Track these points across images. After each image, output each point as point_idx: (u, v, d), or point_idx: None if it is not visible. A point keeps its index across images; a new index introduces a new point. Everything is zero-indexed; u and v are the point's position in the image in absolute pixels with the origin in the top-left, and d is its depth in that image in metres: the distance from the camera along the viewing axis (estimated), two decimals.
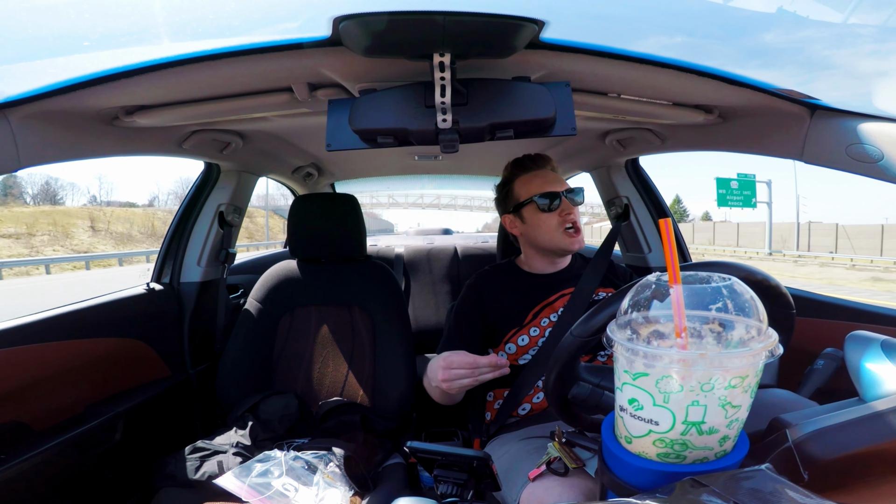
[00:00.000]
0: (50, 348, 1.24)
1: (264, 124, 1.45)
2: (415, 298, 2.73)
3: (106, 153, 1.23)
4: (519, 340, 1.33)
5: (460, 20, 0.79)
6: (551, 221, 1.35)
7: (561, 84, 0.95)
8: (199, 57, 0.94)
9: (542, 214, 1.36)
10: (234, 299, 2.10)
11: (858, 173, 0.94)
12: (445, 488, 0.79)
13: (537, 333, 1.32)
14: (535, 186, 1.38)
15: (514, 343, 1.33)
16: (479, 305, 1.39)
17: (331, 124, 0.98)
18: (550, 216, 1.35)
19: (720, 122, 1.26)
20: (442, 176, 3.04)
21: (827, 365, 0.79)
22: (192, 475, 1.17)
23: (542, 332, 1.32)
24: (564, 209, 1.34)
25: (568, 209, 1.35)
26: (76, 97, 0.99)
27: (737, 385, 0.47)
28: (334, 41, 0.88)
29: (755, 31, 0.96)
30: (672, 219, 1.58)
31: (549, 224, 1.35)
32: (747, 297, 0.49)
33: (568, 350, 0.72)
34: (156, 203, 65.95)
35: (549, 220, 1.35)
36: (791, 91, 1.00)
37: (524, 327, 1.33)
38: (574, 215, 1.35)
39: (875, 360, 0.57)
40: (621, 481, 0.53)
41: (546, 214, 1.35)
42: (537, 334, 1.32)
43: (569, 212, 1.34)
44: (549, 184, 1.37)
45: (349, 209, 1.70)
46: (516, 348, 1.33)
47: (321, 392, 1.55)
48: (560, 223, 1.34)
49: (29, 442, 1.16)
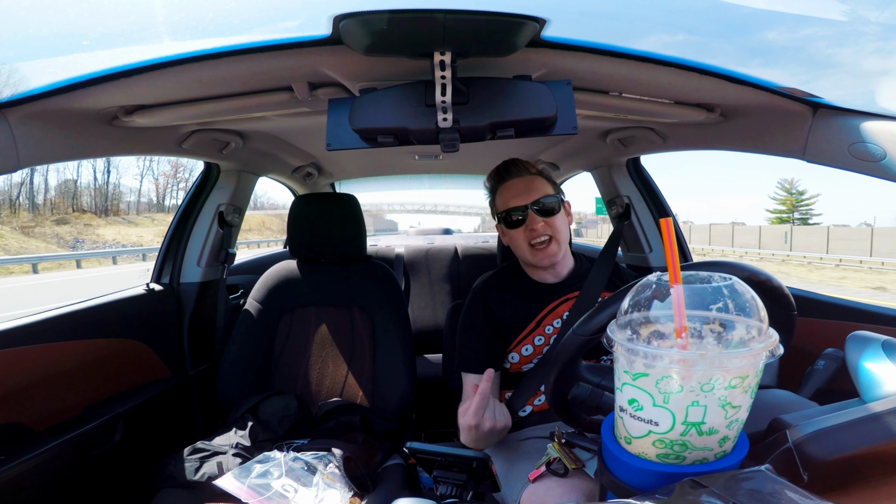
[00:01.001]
0: (49, 349, 1.24)
1: (264, 124, 1.45)
2: (415, 299, 2.72)
3: (105, 153, 1.23)
4: (523, 350, 1.30)
5: (461, 18, 0.78)
6: (519, 237, 1.30)
7: (562, 83, 0.95)
8: (199, 56, 0.94)
9: (510, 231, 1.32)
10: (233, 300, 2.10)
11: (861, 172, 0.94)
12: (445, 489, 0.79)
13: (542, 342, 1.29)
14: (503, 200, 1.33)
15: (517, 353, 1.31)
16: (486, 315, 1.35)
17: (331, 123, 0.98)
18: (518, 232, 1.30)
19: (722, 121, 1.26)
20: (442, 175, 3.03)
21: (827, 365, 0.79)
22: (191, 476, 1.17)
23: (548, 340, 1.29)
24: (529, 224, 1.28)
25: (533, 223, 1.27)
26: (75, 97, 0.99)
27: (737, 385, 0.47)
28: (334, 40, 0.88)
29: (757, 29, 0.96)
30: (674, 218, 1.58)
31: (517, 239, 1.31)
32: (748, 297, 0.49)
33: (569, 349, 0.71)
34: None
35: (517, 236, 1.31)
36: (794, 89, 1.00)
37: (528, 336, 1.30)
38: (539, 230, 1.27)
39: (876, 360, 0.56)
40: (621, 482, 0.53)
41: (514, 231, 1.31)
42: (542, 342, 1.29)
43: (532, 227, 1.27)
44: (514, 197, 1.30)
45: (349, 209, 1.69)
46: (519, 357, 1.30)
47: (321, 393, 1.55)
48: (526, 238, 1.30)
49: (29, 443, 1.16)
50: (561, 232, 1.29)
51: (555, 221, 1.28)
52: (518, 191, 1.31)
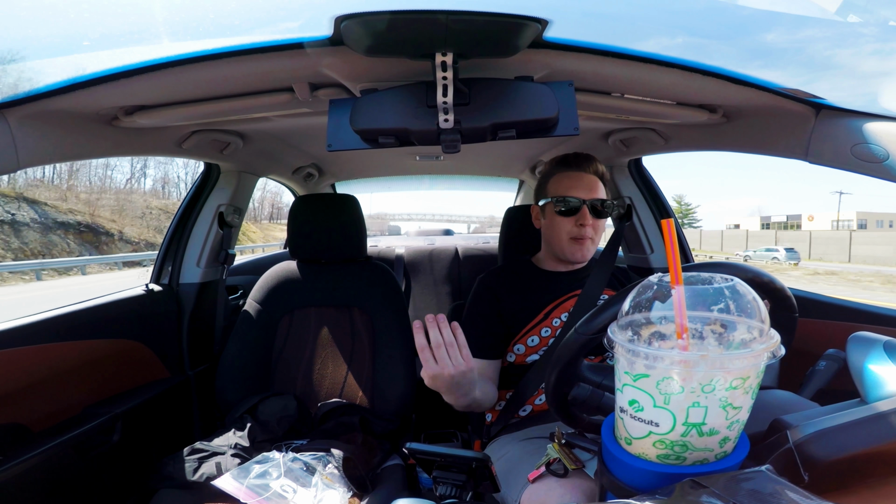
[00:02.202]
0: (48, 349, 1.24)
1: (265, 124, 1.44)
2: (415, 299, 2.72)
3: (105, 153, 1.23)
4: (529, 341, 1.32)
5: (463, 19, 0.78)
6: (564, 226, 1.33)
7: (564, 84, 0.95)
8: (200, 57, 0.93)
9: (557, 217, 1.34)
10: (233, 300, 2.10)
11: (863, 173, 0.94)
12: (444, 489, 0.79)
13: (549, 333, 1.31)
14: (562, 187, 1.35)
15: (522, 343, 1.32)
16: (494, 302, 1.36)
17: (332, 124, 0.98)
18: (565, 221, 1.33)
19: (724, 122, 1.25)
20: (443, 176, 3.02)
21: (829, 366, 0.79)
22: (190, 476, 1.16)
23: (554, 332, 1.31)
24: (581, 218, 1.31)
25: (584, 219, 1.31)
26: (75, 97, 0.99)
27: (738, 386, 0.46)
28: (336, 41, 0.87)
29: (757, 31, 0.96)
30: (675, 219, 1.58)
31: (561, 228, 1.34)
32: (749, 298, 0.49)
33: (571, 348, 0.71)
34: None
35: (562, 224, 1.34)
36: (796, 90, 1.00)
37: (535, 327, 1.32)
38: (589, 226, 1.31)
39: (877, 361, 0.56)
40: (621, 482, 0.53)
41: (561, 218, 1.34)
42: (549, 334, 1.31)
43: (583, 222, 1.31)
44: (577, 188, 1.33)
45: (349, 210, 1.69)
46: (525, 348, 1.32)
47: (320, 393, 1.55)
48: (571, 230, 1.32)
49: (27, 443, 1.15)
50: (599, 235, 1.35)
51: (601, 225, 1.35)
52: (582, 184, 1.34)
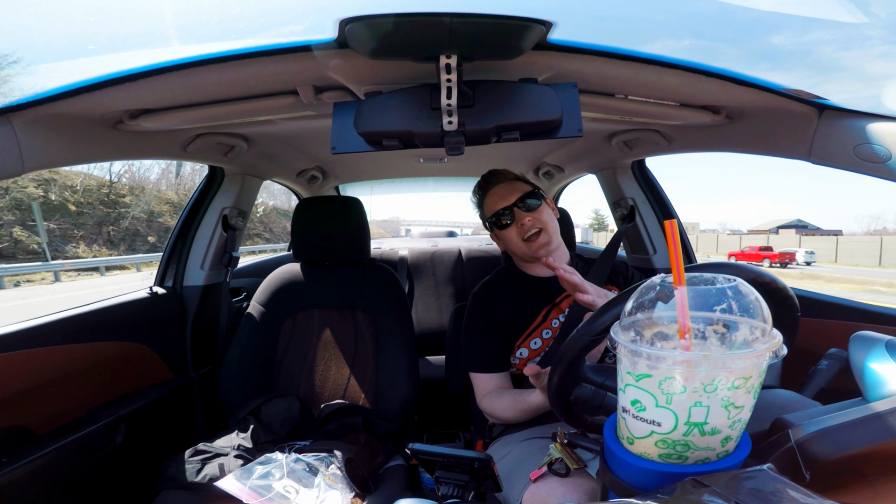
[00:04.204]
0: (52, 352, 1.24)
1: (269, 127, 1.45)
2: (418, 301, 2.72)
3: (110, 157, 1.24)
4: (531, 344, 1.32)
5: (467, 22, 0.78)
6: (511, 235, 1.37)
7: (568, 85, 0.95)
8: (204, 60, 0.94)
9: (501, 231, 1.38)
10: (237, 303, 2.11)
11: (866, 173, 0.94)
12: (446, 489, 0.79)
13: (549, 336, 1.32)
14: (489, 206, 1.41)
15: (525, 347, 1.33)
16: (490, 314, 1.38)
17: (336, 127, 0.98)
18: (508, 230, 1.37)
19: (727, 123, 1.25)
20: (447, 178, 3.03)
21: (831, 365, 0.78)
22: (193, 478, 1.17)
23: (554, 333, 1.32)
24: (518, 221, 1.35)
25: (521, 219, 1.34)
26: (80, 101, 0.99)
27: (740, 386, 0.47)
28: (340, 43, 0.88)
29: (764, 34, 0.96)
30: (678, 220, 1.57)
31: (509, 238, 1.38)
32: (752, 299, 0.49)
33: (573, 349, 0.71)
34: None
35: (508, 235, 1.37)
36: (799, 91, 1.00)
37: (535, 330, 1.33)
38: (527, 222, 1.34)
39: (879, 360, 0.56)
40: (622, 482, 0.53)
41: (504, 231, 1.37)
42: (549, 336, 1.32)
43: (521, 222, 1.34)
44: (499, 201, 1.38)
45: (353, 212, 1.69)
46: (528, 352, 1.32)
47: (323, 395, 1.55)
48: (519, 234, 1.35)
49: (31, 446, 1.16)
50: (549, 224, 1.35)
51: (540, 215, 1.35)
52: (501, 195, 1.39)
